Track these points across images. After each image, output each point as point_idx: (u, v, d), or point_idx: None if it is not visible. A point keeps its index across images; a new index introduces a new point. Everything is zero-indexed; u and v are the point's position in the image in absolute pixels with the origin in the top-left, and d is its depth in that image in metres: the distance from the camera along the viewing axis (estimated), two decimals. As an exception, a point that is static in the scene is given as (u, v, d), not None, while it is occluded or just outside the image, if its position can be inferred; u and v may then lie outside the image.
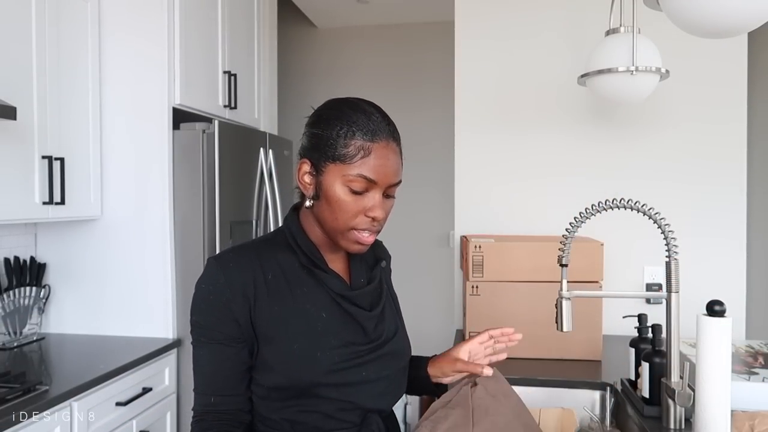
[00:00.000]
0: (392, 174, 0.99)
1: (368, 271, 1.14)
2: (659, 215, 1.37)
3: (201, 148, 2.36)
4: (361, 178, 0.97)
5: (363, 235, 1.01)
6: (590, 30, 2.37)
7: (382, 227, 1.03)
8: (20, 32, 1.94)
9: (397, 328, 1.13)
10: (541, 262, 1.98)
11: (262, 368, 1.02)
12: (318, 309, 1.03)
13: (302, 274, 1.04)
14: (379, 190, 0.99)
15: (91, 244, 2.35)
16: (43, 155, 2.01)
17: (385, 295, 1.14)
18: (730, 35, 1.34)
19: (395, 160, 1.00)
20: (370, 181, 0.97)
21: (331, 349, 1.01)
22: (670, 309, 1.38)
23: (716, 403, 1.23)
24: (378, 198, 0.99)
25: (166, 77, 2.31)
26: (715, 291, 1.78)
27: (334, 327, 1.03)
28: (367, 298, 1.09)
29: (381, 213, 0.99)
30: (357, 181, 0.97)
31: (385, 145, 0.99)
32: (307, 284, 1.04)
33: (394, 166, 0.99)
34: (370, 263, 1.16)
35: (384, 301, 1.12)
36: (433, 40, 4.34)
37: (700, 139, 2.39)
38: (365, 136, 0.97)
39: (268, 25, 3.25)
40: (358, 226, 1.00)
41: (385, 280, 1.18)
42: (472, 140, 2.52)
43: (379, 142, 0.98)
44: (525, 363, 1.96)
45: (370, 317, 1.07)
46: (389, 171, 0.98)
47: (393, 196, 1.03)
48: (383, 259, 1.19)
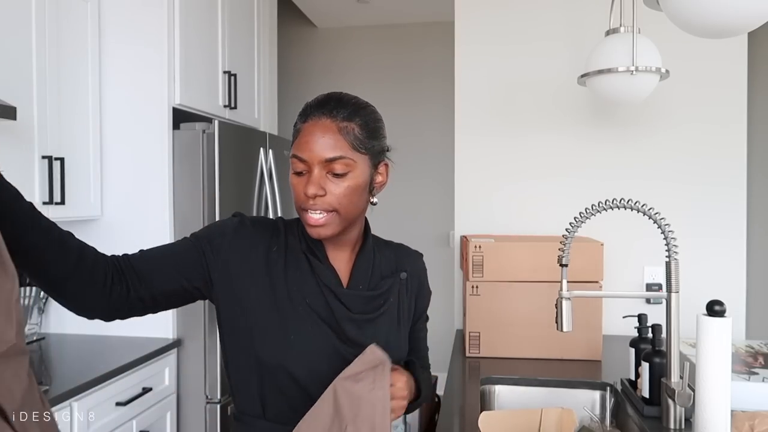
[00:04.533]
0: (320, 149, 0.97)
1: (378, 279, 1.11)
2: (659, 215, 1.37)
3: (201, 148, 2.36)
4: (295, 158, 1.00)
5: (309, 215, 1.00)
6: (590, 30, 2.38)
7: (332, 207, 0.99)
8: (20, 32, 1.94)
9: (387, 345, 1.05)
10: (541, 262, 1.98)
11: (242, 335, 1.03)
12: (304, 294, 1.04)
13: (301, 258, 1.06)
14: (313, 167, 0.98)
15: (91, 244, 2.34)
16: (43, 155, 2.01)
17: (388, 308, 1.11)
18: (730, 35, 1.34)
19: (325, 135, 0.98)
20: (301, 159, 0.99)
21: (305, 336, 1.02)
22: (670, 309, 1.39)
23: (716, 403, 1.23)
24: (312, 176, 0.98)
25: (166, 77, 2.31)
26: (715, 291, 1.79)
27: (314, 316, 1.03)
28: (357, 301, 1.07)
29: (312, 189, 0.97)
30: (294, 162, 1.01)
31: (315, 122, 0.99)
32: (301, 269, 1.06)
33: (322, 141, 0.98)
34: (385, 272, 1.13)
35: (381, 313, 1.09)
36: (433, 40, 4.34)
37: (700, 139, 2.39)
38: (299, 118, 1.03)
39: (268, 25, 3.25)
40: (304, 205, 1.00)
41: (400, 294, 1.14)
42: (472, 140, 2.52)
43: (309, 121, 1.00)
44: (525, 363, 1.96)
45: (351, 319, 1.05)
46: (315, 146, 0.98)
47: (341, 174, 0.99)
48: (404, 271, 1.15)
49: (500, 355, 2.01)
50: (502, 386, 1.82)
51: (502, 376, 1.83)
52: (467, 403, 1.63)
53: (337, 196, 0.99)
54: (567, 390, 1.78)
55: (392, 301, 1.12)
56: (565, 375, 1.83)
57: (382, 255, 1.15)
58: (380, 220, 5.14)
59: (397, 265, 1.16)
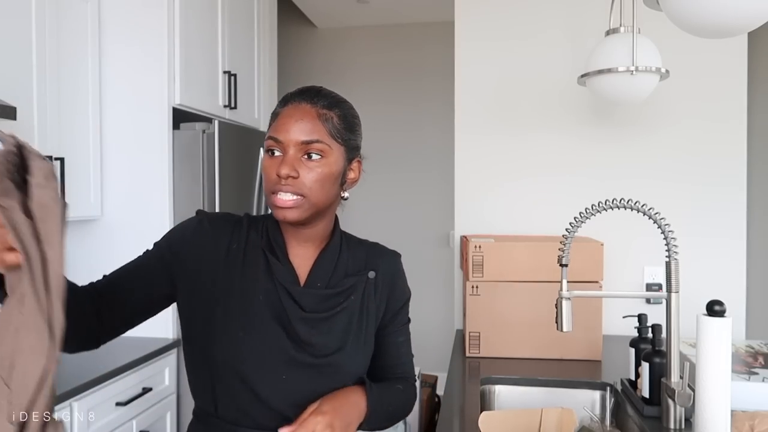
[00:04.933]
0: (297, 131, 0.98)
1: (341, 276, 1.08)
2: (659, 215, 1.37)
3: (201, 148, 2.36)
4: (270, 139, 1.00)
5: (278, 201, 0.99)
6: (590, 30, 2.37)
7: (301, 191, 0.98)
8: (20, 32, 1.94)
9: (343, 345, 1.05)
10: (541, 262, 1.98)
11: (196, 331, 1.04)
12: (258, 291, 1.02)
13: (260, 255, 1.05)
14: (288, 149, 0.98)
15: (91, 244, 2.35)
16: (43, 155, 2.01)
17: (348, 307, 1.07)
18: (730, 35, 1.34)
19: (303, 118, 0.99)
20: (276, 140, 0.99)
21: (255, 334, 1.01)
22: (670, 309, 1.39)
23: (716, 403, 1.23)
24: (287, 156, 0.98)
25: (166, 77, 2.31)
26: (715, 291, 1.78)
27: (266, 314, 1.02)
28: (311, 299, 1.04)
29: (285, 169, 0.97)
30: (268, 142, 1.01)
31: (294, 107, 1.00)
32: (259, 266, 1.04)
33: (301, 124, 0.98)
34: (351, 271, 1.10)
35: (337, 311, 1.05)
36: (433, 40, 4.34)
37: (699, 139, 2.39)
38: (279, 104, 1.04)
39: (268, 25, 3.25)
40: (274, 188, 0.99)
41: (366, 293, 1.10)
42: (472, 140, 2.52)
43: (288, 105, 1.01)
44: (525, 363, 1.96)
45: (303, 318, 1.02)
46: (293, 128, 0.98)
47: (315, 155, 0.99)
48: (373, 270, 1.11)
49: (500, 355, 2.01)
50: (502, 386, 1.82)
51: (502, 376, 1.83)
52: (467, 403, 1.63)
53: (309, 180, 0.98)
54: (567, 390, 1.78)
55: (353, 300, 1.08)
56: (565, 375, 1.83)
57: (351, 253, 1.12)
58: (380, 219, 5.16)
59: (367, 263, 1.12)
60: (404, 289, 1.17)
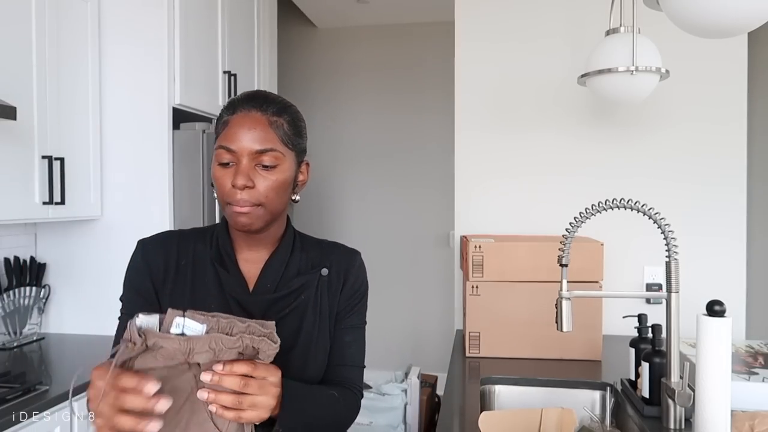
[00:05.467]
0: (250, 140, 0.97)
1: (292, 277, 1.06)
2: (659, 215, 1.37)
3: (201, 148, 2.36)
4: (222, 148, 0.98)
5: (235, 208, 0.98)
6: (590, 30, 2.37)
7: (258, 201, 0.98)
8: (20, 32, 1.94)
9: (293, 345, 1.02)
10: (541, 262, 1.98)
11: None
12: (208, 304, 1.01)
13: (209, 267, 1.05)
14: (241, 158, 0.97)
15: (91, 244, 2.35)
16: (43, 155, 2.01)
17: (299, 305, 1.05)
18: (730, 35, 1.34)
19: (255, 127, 0.97)
20: (229, 150, 0.97)
21: None
22: (670, 309, 1.39)
23: (716, 403, 1.23)
24: (240, 166, 0.97)
25: (166, 77, 2.31)
26: (715, 291, 1.78)
27: None
28: (261, 305, 1.03)
29: (241, 179, 0.96)
30: (219, 152, 0.99)
31: (245, 115, 0.99)
32: (208, 278, 1.04)
33: (253, 133, 0.97)
34: (303, 269, 1.08)
35: (287, 313, 1.03)
36: (433, 40, 4.34)
37: (700, 139, 2.39)
38: (227, 111, 1.01)
39: (268, 25, 3.25)
40: (230, 199, 0.98)
41: (320, 290, 1.08)
42: (472, 140, 2.52)
43: (238, 113, 0.99)
44: (525, 363, 1.96)
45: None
46: (245, 138, 0.97)
47: (270, 165, 0.98)
48: (325, 267, 1.09)
49: (500, 355, 2.01)
50: (502, 386, 1.82)
51: (502, 376, 1.83)
52: (467, 403, 1.63)
53: (265, 188, 0.98)
54: (567, 390, 1.78)
55: (304, 299, 1.06)
56: (565, 375, 1.83)
57: (305, 253, 1.10)
58: (380, 219, 5.15)
59: (321, 262, 1.10)
60: (357, 284, 1.12)
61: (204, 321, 0.81)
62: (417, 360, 3.91)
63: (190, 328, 0.81)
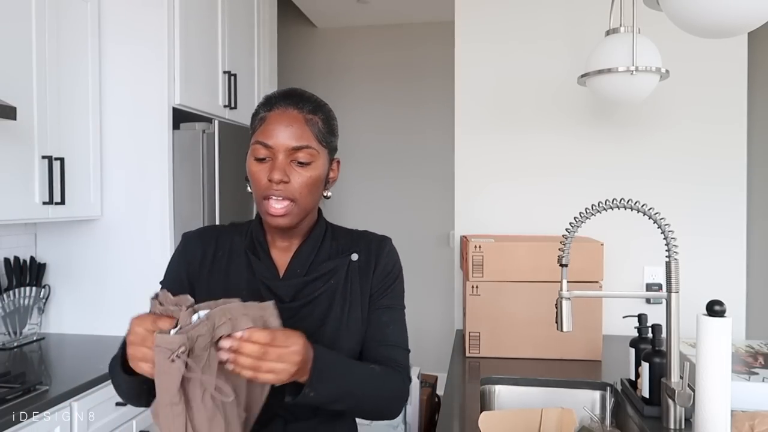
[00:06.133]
0: (288, 137, 1.00)
1: (322, 262, 1.09)
2: (659, 215, 1.37)
3: (201, 148, 2.36)
4: (259, 144, 1.02)
5: (270, 203, 1.01)
6: (590, 30, 2.37)
7: (292, 196, 1.01)
8: (20, 32, 1.94)
9: (322, 327, 1.04)
10: (541, 262, 1.98)
11: None
12: (240, 290, 1.06)
13: (242, 256, 1.10)
14: (277, 154, 1.00)
15: (91, 244, 2.35)
16: (43, 155, 2.01)
17: (328, 290, 1.07)
18: (731, 35, 1.34)
19: (292, 124, 1.01)
20: (266, 146, 1.01)
21: None
22: (670, 309, 1.39)
23: (716, 403, 1.23)
24: (277, 162, 1.00)
25: (166, 77, 2.31)
26: (715, 291, 1.78)
27: None
28: (290, 289, 1.06)
29: (277, 174, 0.99)
30: (256, 148, 1.02)
31: (282, 112, 1.02)
32: (241, 266, 1.09)
33: (290, 130, 1.00)
34: (333, 254, 1.11)
35: (316, 296, 1.06)
36: (433, 40, 4.34)
37: (700, 139, 2.39)
38: (263, 107, 1.05)
39: (268, 25, 3.24)
40: (266, 194, 1.01)
41: (350, 275, 1.10)
42: (473, 140, 2.52)
43: (275, 110, 1.03)
44: (525, 363, 1.96)
45: (282, 309, 0.97)
46: (282, 134, 1.00)
47: (305, 163, 1.01)
48: (355, 252, 1.11)
49: (500, 355, 2.01)
50: (502, 386, 1.82)
51: (502, 376, 1.83)
52: (467, 403, 1.63)
53: (299, 185, 1.01)
54: (567, 390, 1.78)
55: (333, 284, 1.08)
56: (565, 375, 1.83)
57: (335, 241, 1.13)
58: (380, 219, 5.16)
59: (351, 248, 1.13)
60: (388, 266, 1.13)
61: (207, 307, 0.86)
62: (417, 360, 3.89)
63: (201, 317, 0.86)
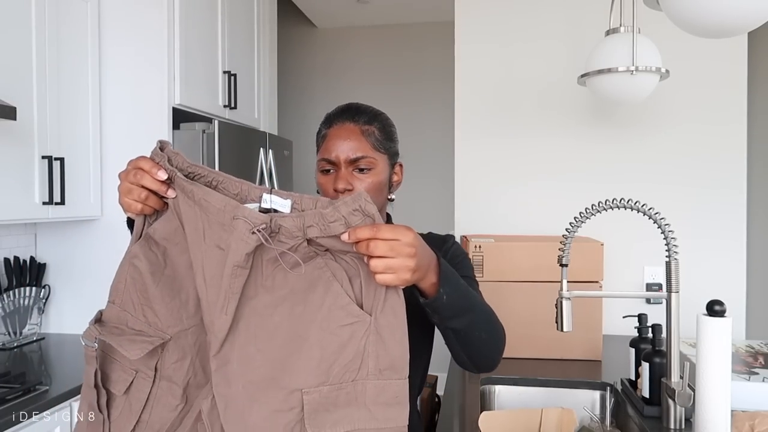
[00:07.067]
0: (347, 149, 1.09)
1: None
2: (659, 215, 1.37)
3: (201, 148, 2.36)
4: (323, 160, 1.12)
5: None
6: (590, 30, 2.37)
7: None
8: (20, 32, 1.94)
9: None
10: (541, 262, 1.98)
11: None
12: None
13: None
14: (339, 166, 1.10)
15: (91, 244, 2.35)
16: (43, 155, 2.01)
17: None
18: (731, 35, 1.34)
19: (350, 138, 1.10)
20: (329, 161, 1.11)
21: None
22: (670, 309, 1.39)
23: (716, 403, 1.23)
24: (340, 173, 1.10)
25: (166, 77, 2.31)
26: (715, 291, 1.78)
27: None
28: None
29: (341, 184, 1.08)
30: (321, 163, 1.12)
31: (339, 127, 1.12)
32: None
33: (348, 143, 1.10)
34: None
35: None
36: (433, 40, 4.34)
37: (700, 140, 2.39)
38: (324, 125, 1.15)
39: (268, 25, 3.24)
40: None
41: None
42: (472, 140, 2.52)
43: (334, 126, 1.13)
44: (525, 363, 1.96)
45: None
46: (341, 147, 1.10)
47: (366, 168, 1.10)
48: None
49: (500, 355, 2.01)
50: (502, 386, 1.82)
51: (502, 376, 1.83)
52: (467, 403, 1.63)
53: (363, 189, 1.08)
54: (567, 390, 1.78)
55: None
56: (565, 375, 1.83)
57: None
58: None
59: None
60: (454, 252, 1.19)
61: (287, 196, 0.83)
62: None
63: (276, 203, 0.83)
